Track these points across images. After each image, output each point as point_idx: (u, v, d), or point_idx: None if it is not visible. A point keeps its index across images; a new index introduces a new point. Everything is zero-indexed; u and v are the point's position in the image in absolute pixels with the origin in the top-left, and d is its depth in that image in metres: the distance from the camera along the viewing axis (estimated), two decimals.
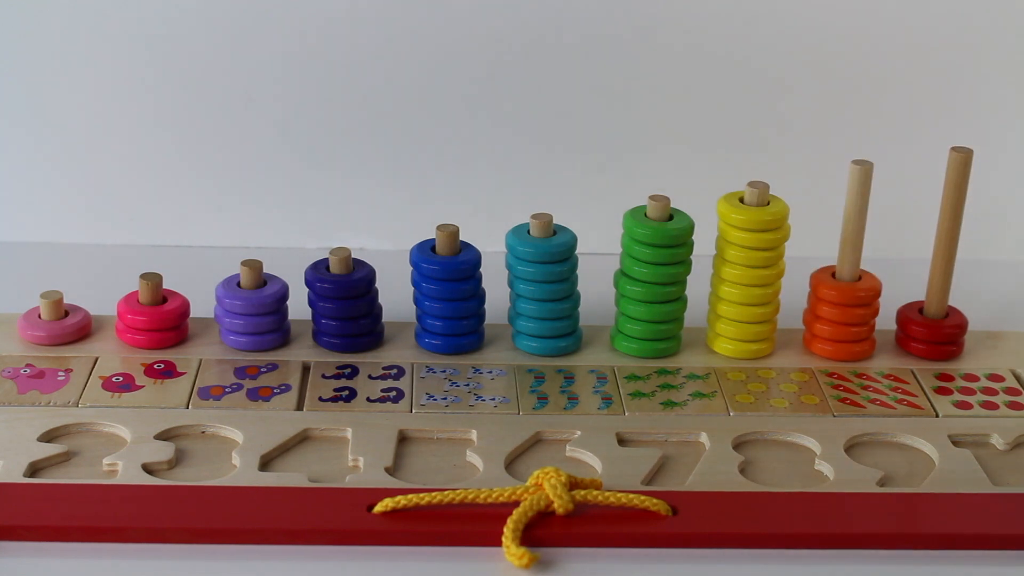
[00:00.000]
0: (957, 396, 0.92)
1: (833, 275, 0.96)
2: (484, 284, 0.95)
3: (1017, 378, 0.95)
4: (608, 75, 1.13)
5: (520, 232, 0.94)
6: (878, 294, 0.95)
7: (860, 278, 0.96)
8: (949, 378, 0.95)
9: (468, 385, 0.91)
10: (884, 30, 1.13)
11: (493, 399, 0.90)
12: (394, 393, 0.90)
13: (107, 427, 0.86)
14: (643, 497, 0.79)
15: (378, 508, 0.78)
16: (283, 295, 0.94)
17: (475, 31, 1.11)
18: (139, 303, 0.94)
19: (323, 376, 0.92)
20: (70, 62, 1.11)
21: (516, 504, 0.78)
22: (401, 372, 0.93)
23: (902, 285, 1.00)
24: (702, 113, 1.14)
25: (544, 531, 0.78)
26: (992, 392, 0.93)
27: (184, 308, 0.95)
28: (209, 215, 1.14)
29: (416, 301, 0.95)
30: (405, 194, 1.15)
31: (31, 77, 1.11)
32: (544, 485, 0.79)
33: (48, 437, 0.84)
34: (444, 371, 0.93)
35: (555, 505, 0.78)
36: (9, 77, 1.11)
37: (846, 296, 0.94)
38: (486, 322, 0.96)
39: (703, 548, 0.78)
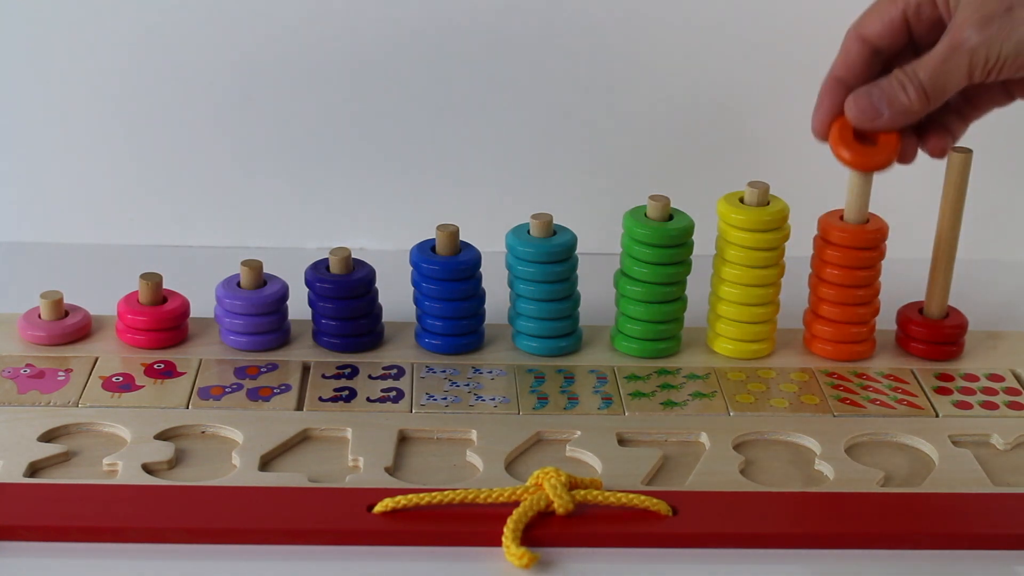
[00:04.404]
0: (957, 396, 0.92)
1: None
2: (484, 284, 0.95)
3: (1017, 378, 0.95)
4: (608, 75, 1.13)
5: (520, 232, 0.94)
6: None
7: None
8: (949, 378, 0.95)
9: (468, 385, 0.91)
10: None
11: (493, 399, 0.90)
12: (394, 393, 0.90)
13: (107, 427, 0.86)
14: (643, 497, 0.79)
15: (378, 508, 0.78)
16: (283, 295, 0.94)
17: (475, 31, 1.11)
18: (139, 303, 0.94)
19: (323, 376, 0.92)
20: (70, 62, 1.11)
21: (516, 504, 0.78)
22: (401, 372, 0.93)
23: (902, 285, 1.00)
24: (702, 113, 1.14)
25: (544, 531, 0.78)
26: (992, 392, 0.93)
27: (184, 308, 0.95)
28: (209, 215, 1.14)
29: (416, 301, 0.95)
30: (405, 194, 1.15)
31: (31, 77, 1.11)
32: (544, 485, 0.79)
33: (48, 437, 0.84)
34: (444, 371, 0.93)
35: (555, 505, 0.78)
36: (9, 77, 1.11)
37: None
38: (486, 322, 0.96)
39: (703, 548, 0.78)
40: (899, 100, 0.86)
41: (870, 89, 0.87)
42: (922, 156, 0.91)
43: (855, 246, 0.93)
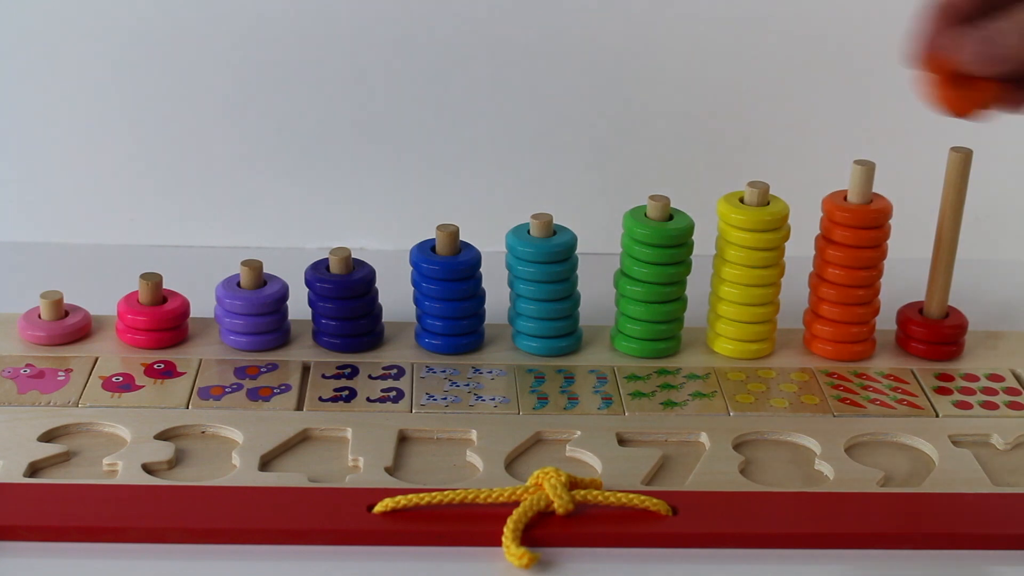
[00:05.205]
0: (957, 396, 0.92)
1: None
2: (484, 284, 0.95)
3: (1017, 378, 0.95)
4: (608, 75, 1.13)
5: (520, 232, 0.94)
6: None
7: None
8: (949, 378, 0.95)
9: (468, 385, 0.91)
10: (884, 30, 1.12)
11: (493, 399, 0.90)
12: (394, 393, 0.90)
13: (107, 427, 0.86)
14: (643, 497, 0.79)
15: (378, 508, 0.78)
16: (283, 295, 0.94)
17: (475, 31, 1.11)
18: (139, 303, 0.94)
19: (323, 376, 0.92)
20: (70, 62, 1.11)
21: (516, 504, 0.78)
22: (401, 372, 0.93)
23: (902, 285, 1.00)
24: (702, 113, 1.14)
25: (544, 531, 0.78)
26: (992, 392, 0.93)
27: (184, 308, 0.95)
28: (209, 215, 1.14)
29: (416, 301, 0.95)
30: (405, 194, 1.15)
31: (31, 77, 1.11)
32: (544, 485, 0.79)
33: (48, 437, 0.84)
34: (444, 371, 0.93)
35: (555, 505, 0.78)
36: (8, 77, 1.11)
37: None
38: (486, 322, 0.96)
39: (703, 548, 0.78)
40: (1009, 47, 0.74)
41: (987, 31, 0.75)
42: (921, 156, 0.91)
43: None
